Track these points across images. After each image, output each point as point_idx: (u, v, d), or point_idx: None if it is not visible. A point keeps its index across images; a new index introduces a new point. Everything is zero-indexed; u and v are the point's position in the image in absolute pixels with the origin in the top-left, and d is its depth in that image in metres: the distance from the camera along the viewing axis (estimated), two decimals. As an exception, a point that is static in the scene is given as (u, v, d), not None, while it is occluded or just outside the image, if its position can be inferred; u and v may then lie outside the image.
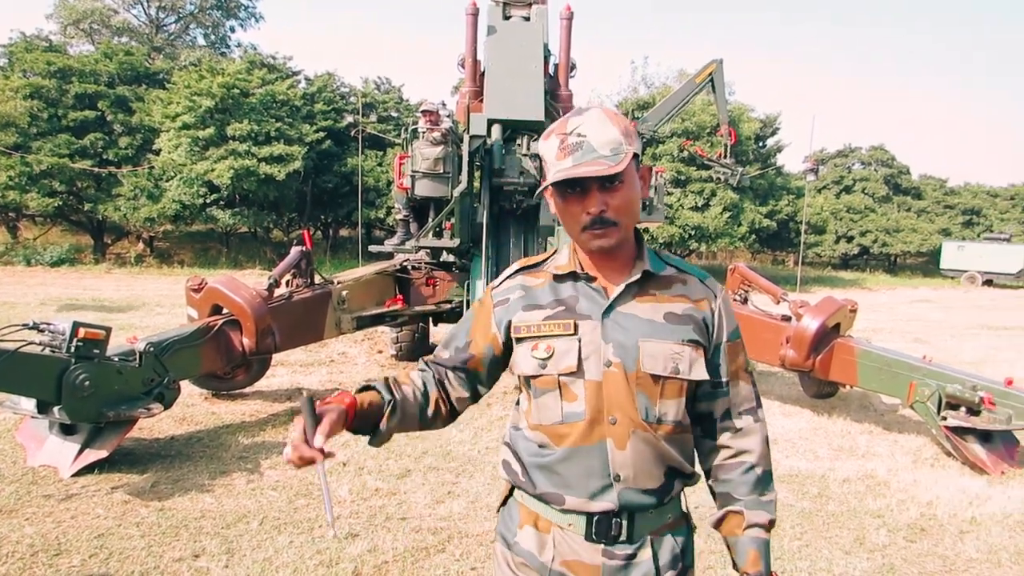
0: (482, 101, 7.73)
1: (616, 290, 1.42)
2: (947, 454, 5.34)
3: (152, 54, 29.88)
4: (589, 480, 1.39)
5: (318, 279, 6.43)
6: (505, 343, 1.50)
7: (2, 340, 3.92)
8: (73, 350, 4.09)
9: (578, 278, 1.46)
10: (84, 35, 35.43)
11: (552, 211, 1.49)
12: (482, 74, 8.03)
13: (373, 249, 9.06)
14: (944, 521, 4.17)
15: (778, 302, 6.61)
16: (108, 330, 4.33)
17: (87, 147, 21.49)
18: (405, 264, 7.32)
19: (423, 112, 8.36)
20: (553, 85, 8.39)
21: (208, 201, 21.70)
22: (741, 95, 46.00)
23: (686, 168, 24.55)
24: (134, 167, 21.70)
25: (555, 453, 1.42)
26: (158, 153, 21.63)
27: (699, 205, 24.52)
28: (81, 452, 4.30)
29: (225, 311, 5.60)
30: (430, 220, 7.61)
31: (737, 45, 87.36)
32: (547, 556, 1.44)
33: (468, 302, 7.37)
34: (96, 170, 21.11)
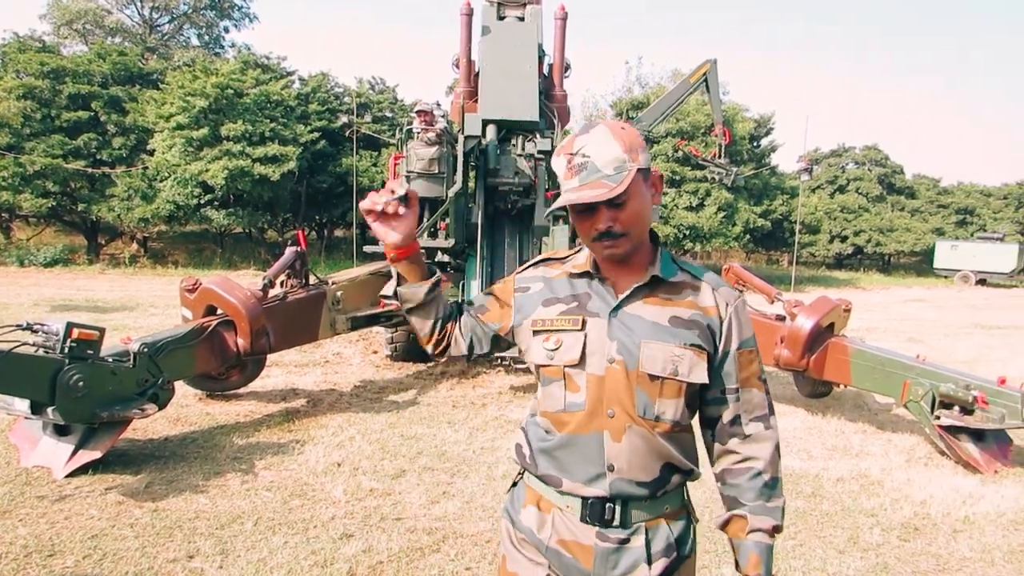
0: (477, 101, 7.74)
1: (625, 291, 1.50)
2: (941, 453, 5.36)
3: (146, 54, 29.75)
4: (585, 467, 1.47)
5: (313, 279, 6.42)
6: (512, 328, 1.62)
7: (-5, 341, 3.90)
8: (67, 351, 4.07)
9: (592, 277, 1.54)
10: (77, 35, 35.33)
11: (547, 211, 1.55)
12: (477, 74, 8.05)
13: (368, 250, 9.02)
14: (938, 520, 4.18)
15: (772, 302, 6.63)
16: (102, 331, 4.32)
17: (81, 147, 21.37)
18: None
19: (418, 112, 8.37)
20: (548, 85, 8.40)
21: (202, 202, 21.59)
22: (735, 95, 46.15)
23: (681, 168, 24.59)
24: (128, 168, 21.59)
25: (556, 438, 1.51)
26: (152, 153, 21.54)
27: (694, 205, 24.56)
28: (75, 453, 4.28)
29: (219, 312, 5.59)
30: (425, 220, 7.61)
31: (731, 45, 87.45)
32: (545, 534, 1.53)
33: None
34: (90, 171, 21.01)
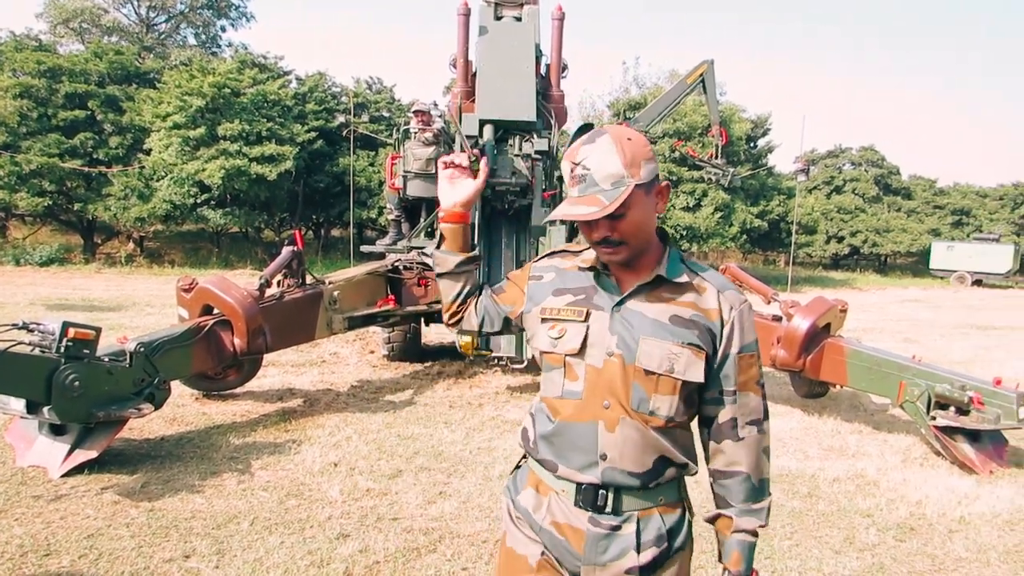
0: (474, 101, 7.73)
1: (629, 288, 1.55)
2: (936, 453, 5.37)
3: (142, 53, 29.71)
4: (579, 454, 1.53)
5: (309, 279, 6.40)
6: (522, 313, 1.70)
7: (-9, 340, 3.89)
8: (63, 350, 4.06)
9: (600, 272, 1.59)
10: (74, 34, 35.23)
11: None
12: (474, 74, 8.03)
13: (365, 249, 9.04)
14: (933, 520, 4.19)
15: (769, 302, 6.64)
16: (98, 330, 4.30)
17: (77, 147, 21.36)
18: (397, 264, 7.31)
19: (415, 112, 8.37)
20: (545, 85, 8.39)
21: (199, 201, 21.58)
22: (732, 95, 46.10)
23: (677, 168, 24.65)
24: (124, 167, 21.58)
25: (553, 424, 1.57)
26: (148, 153, 21.53)
27: (690, 205, 24.62)
28: (71, 452, 4.27)
29: (216, 311, 5.57)
30: (422, 220, 7.61)
31: (729, 45, 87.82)
32: (540, 516, 1.59)
33: None
34: (86, 170, 20.99)
